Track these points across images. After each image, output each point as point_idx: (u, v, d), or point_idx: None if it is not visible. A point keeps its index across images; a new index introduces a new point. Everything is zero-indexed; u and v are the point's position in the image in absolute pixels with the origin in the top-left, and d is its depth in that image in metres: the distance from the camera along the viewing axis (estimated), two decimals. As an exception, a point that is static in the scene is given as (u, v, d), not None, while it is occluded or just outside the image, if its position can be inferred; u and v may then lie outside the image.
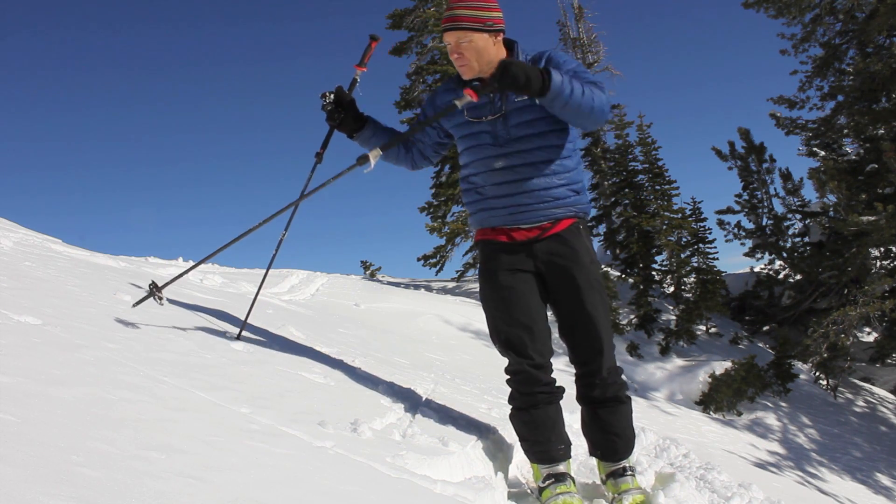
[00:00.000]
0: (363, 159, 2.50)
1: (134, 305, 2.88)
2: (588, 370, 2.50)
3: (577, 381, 2.56)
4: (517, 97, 2.40)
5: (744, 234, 14.91)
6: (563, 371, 2.70)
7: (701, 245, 14.09)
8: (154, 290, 2.72)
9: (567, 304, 2.49)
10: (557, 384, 2.52)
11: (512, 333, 2.45)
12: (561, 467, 2.47)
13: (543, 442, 2.46)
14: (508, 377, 2.52)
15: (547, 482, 2.43)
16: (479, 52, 2.37)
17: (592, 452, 2.64)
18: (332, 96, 2.66)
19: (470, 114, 2.47)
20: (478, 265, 2.64)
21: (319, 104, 2.68)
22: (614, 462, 2.56)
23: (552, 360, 2.55)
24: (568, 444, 2.52)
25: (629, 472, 2.55)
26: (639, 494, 2.48)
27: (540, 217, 2.45)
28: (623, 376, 2.58)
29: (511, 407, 2.56)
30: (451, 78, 2.59)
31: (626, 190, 14.33)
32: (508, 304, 2.46)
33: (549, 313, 2.57)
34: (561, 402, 2.54)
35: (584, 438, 2.66)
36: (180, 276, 2.85)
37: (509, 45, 2.47)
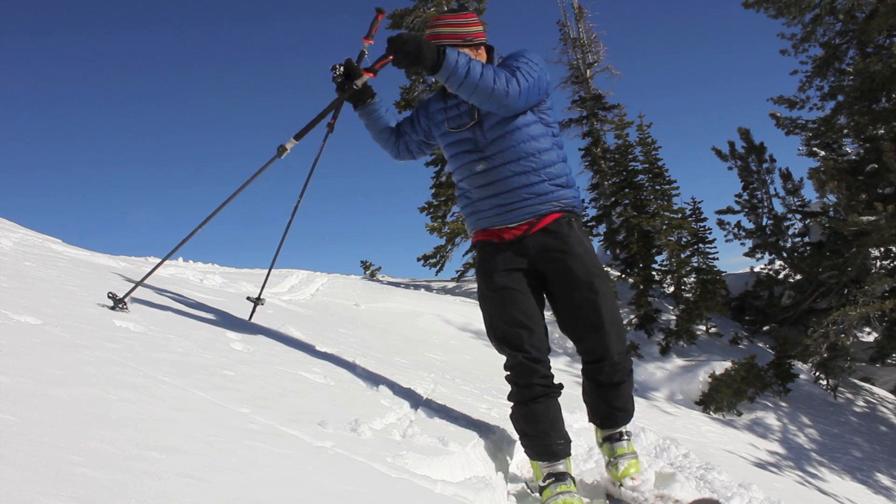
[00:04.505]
0: (281, 150, 2.72)
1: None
2: (597, 357, 2.53)
3: (585, 369, 2.61)
4: None
5: (744, 234, 14.91)
6: (563, 371, 2.70)
7: (701, 245, 14.09)
8: (116, 303, 2.78)
9: (565, 295, 2.51)
10: (556, 381, 2.54)
11: (509, 331, 2.49)
12: (561, 466, 2.49)
13: (542, 436, 2.49)
14: (507, 373, 2.56)
15: (547, 481, 2.44)
16: None
17: (591, 420, 2.72)
18: (342, 68, 2.74)
19: (451, 124, 2.58)
20: (475, 266, 2.71)
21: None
22: (612, 429, 2.67)
23: (552, 359, 2.57)
24: (567, 440, 2.54)
25: (625, 437, 2.66)
26: (633, 459, 2.59)
27: (525, 215, 2.50)
28: (630, 356, 2.65)
29: (511, 405, 2.58)
30: (440, 89, 2.69)
31: (626, 190, 14.32)
32: (505, 302, 2.50)
33: (549, 313, 2.60)
34: (560, 399, 2.56)
35: (585, 405, 2.73)
36: (140, 282, 2.92)
37: (488, 51, 2.57)
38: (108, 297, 2.80)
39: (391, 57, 2.26)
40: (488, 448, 2.67)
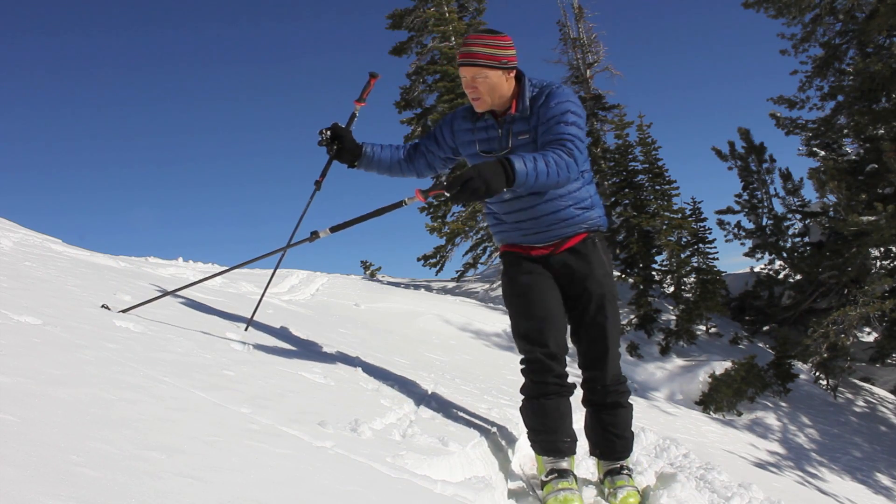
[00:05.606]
0: (314, 235, 2.72)
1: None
2: (592, 376, 2.62)
3: (582, 385, 2.67)
4: (521, 135, 2.51)
5: (744, 234, 14.90)
6: (573, 371, 2.72)
7: (701, 245, 14.08)
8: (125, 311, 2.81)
9: (577, 312, 2.61)
10: (570, 380, 2.58)
11: (529, 326, 2.54)
12: (564, 463, 2.53)
13: (550, 432, 2.53)
14: (523, 367, 2.60)
15: (550, 477, 2.49)
16: (493, 88, 2.46)
17: (592, 452, 2.76)
18: (328, 133, 2.78)
19: (482, 148, 2.60)
20: (502, 273, 2.76)
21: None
22: (612, 461, 2.68)
23: (567, 358, 2.62)
24: (574, 439, 2.58)
25: (625, 471, 2.66)
26: (632, 490, 2.57)
27: (551, 237, 2.59)
28: (627, 384, 2.70)
29: (522, 398, 2.63)
30: (466, 108, 2.67)
31: (626, 190, 14.32)
32: (526, 299, 2.57)
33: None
34: (571, 398, 2.61)
35: (586, 440, 2.76)
36: (144, 303, 2.91)
37: (518, 76, 2.53)
38: (103, 306, 2.81)
39: (447, 194, 2.22)
40: (488, 448, 2.67)
